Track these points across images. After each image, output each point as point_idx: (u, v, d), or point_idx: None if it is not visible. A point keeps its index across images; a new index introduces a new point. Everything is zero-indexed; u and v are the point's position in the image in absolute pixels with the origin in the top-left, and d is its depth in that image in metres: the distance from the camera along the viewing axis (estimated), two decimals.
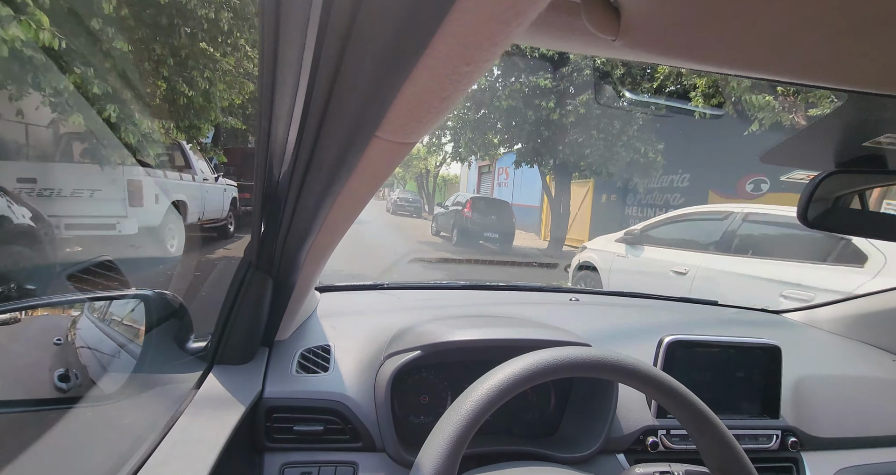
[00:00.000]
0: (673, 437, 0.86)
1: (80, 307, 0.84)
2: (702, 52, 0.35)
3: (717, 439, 0.54)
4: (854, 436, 0.95)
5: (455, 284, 1.40)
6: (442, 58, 0.30)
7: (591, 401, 0.88)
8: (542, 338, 0.84)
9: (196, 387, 0.73)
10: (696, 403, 0.55)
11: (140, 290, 0.80)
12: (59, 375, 0.75)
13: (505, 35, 0.28)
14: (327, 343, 0.91)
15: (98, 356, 0.82)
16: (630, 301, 1.47)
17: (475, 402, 0.50)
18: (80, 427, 0.77)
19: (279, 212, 0.57)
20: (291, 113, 0.40)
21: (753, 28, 0.30)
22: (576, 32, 0.34)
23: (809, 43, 0.32)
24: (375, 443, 0.79)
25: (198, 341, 0.82)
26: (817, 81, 0.39)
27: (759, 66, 0.37)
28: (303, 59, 0.34)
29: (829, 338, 1.26)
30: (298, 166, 0.47)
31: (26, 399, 0.75)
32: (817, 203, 0.78)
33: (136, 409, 0.74)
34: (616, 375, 0.55)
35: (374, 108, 0.36)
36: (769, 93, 4.54)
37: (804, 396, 0.96)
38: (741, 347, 0.91)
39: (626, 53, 0.36)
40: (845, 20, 0.29)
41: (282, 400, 0.78)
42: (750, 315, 1.42)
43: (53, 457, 0.74)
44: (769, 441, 0.89)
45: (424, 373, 0.90)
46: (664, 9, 0.29)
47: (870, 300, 1.24)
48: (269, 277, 0.72)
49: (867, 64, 0.34)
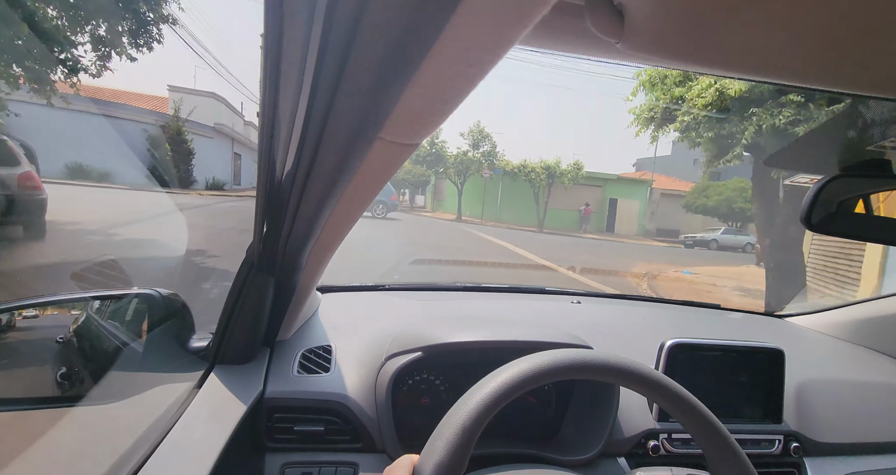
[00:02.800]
0: (674, 441, 0.85)
1: (82, 306, 0.84)
2: (704, 56, 0.35)
3: (719, 443, 0.54)
4: (857, 441, 0.94)
5: (457, 286, 1.40)
6: (446, 60, 0.30)
7: (593, 404, 0.87)
8: (544, 340, 0.84)
9: (197, 386, 0.73)
10: (698, 407, 0.54)
11: (142, 289, 0.80)
12: (61, 374, 0.75)
13: (508, 37, 0.28)
14: (328, 343, 0.91)
15: (100, 355, 0.82)
16: (632, 304, 1.46)
17: (476, 405, 0.50)
18: (82, 426, 0.77)
19: (281, 212, 0.57)
20: (295, 114, 0.41)
21: (756, 32, 0.30)
22: (579, 35, 0.34)
23: (813, 47, 0.32)
24: (376, 444, 0.79)
25: (199, 341, 0.82)
26: (821, 85, 0.39)
27: (762, 69, 0.37)
28: (306, 61, 0.34)
29: (832, 343, 1.25)
30: (301, 167, 0.47)
31: (28, 397, 0.75)
32: (821, 207, 0.77)
33: (138, 408, 0.74)
34: (617, 378, 0.55)
35: (377, 110, 0.37)
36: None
37: (807, 401, 0.95)
38: (744, 351, 0.90)
39: (629, 56, 0.36)
40: (850, 25, 0.29)
41: (283, 400, 0.78)
42: (752, 319, 1.42)
43: (54, 455, 0.74)
44: (772, 446, 0.88)
45: (425, 374, 0.90)
46: (667, 12, 0.29)
47: (873, 305, 1.24)
48: (271, 277, 0.72)
49: (871, 68, 0.34)
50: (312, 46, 0.32)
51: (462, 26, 0.27)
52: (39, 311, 0.79)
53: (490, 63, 0.31)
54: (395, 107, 0.36)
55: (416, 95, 0.34)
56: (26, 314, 0.78)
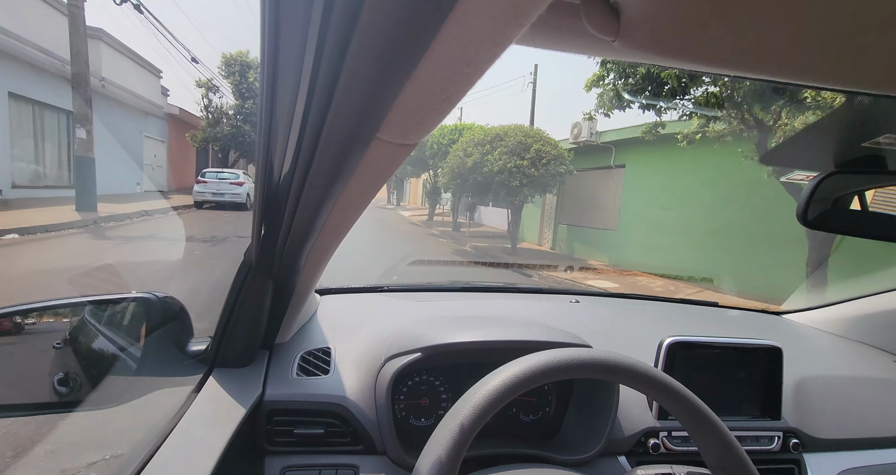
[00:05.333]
0: (674, 439, 0.85)
1: (80, 310, 0.84)
2: (701, 54, 0.35)
3: (718, 440, 0.54)
4: (856, 437, 0.95)
5: (455, 286, 1.40)
6: (443, 59, 0.30)
7: (593, 403, 0.87)
8: (543, 339, 0.84)
9: (196, 390, 0.73)
10: (696, 404, 0.55)
11: (140, 293, 0.80)
12: (59, 379, 0.75)
13: (505, 36, 0.28)
14: (327, 345, 0.91)
15: (98, 360, 0.82)
16: (631, 302, 1.47)
17: (476, 405, 0.50)
18: (81, 431, 0.76)
19: (279, 214, 0.57)
20: (292, 114, 0.40)
21: (753, 29, 0.31)
22: (576, 34, 0.34)
23: (809, 44, 0.32)
24: (376, 446, 0.79)
25: (198, 344, 0.82)
26: (817, 82, 0.39)
27: (759, 67, 0.37)
28: (304, 60, 0.34)
29: (829, 339, 1.26)
30: (299, 168, 0.47)
31: (26, 403, 0.74)
32: (817, 203, 0.78)
33: (137, 413, 0.74)
34: (617, 377, 0.55)
35: (374, 110, 0.36)
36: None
37: (805, 397, 0.96)
38: (742, 348, 0.91)
39: (625, 55, 0.36)
40: (845, 22, 0.29)
41: (282, 403, 0.78)
42: (750, 316, 1.42)
43: (53, 460, 0.74)
44: (771, 442, 0.88)
45: (425, 375, 0.90)
46: (664, 10, 0.29)
47: (870, 301, 1.24)
48: (270, 280, 0.71)
49: (867, 65, 0.35)
50: (309, 47, 0.32)
51: (459, 25, 0.27)
52: (36, 317, 0.79)
53: (487, 62, 0.31)
54: (392, 107, 0.36)
55: (413, 95, 0.34)
56: (23, 319, 0.77)
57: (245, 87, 18.19)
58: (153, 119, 15.43)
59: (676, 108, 5.34)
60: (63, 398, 0.74)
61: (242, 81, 18.14)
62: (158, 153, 16.09)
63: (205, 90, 18.41)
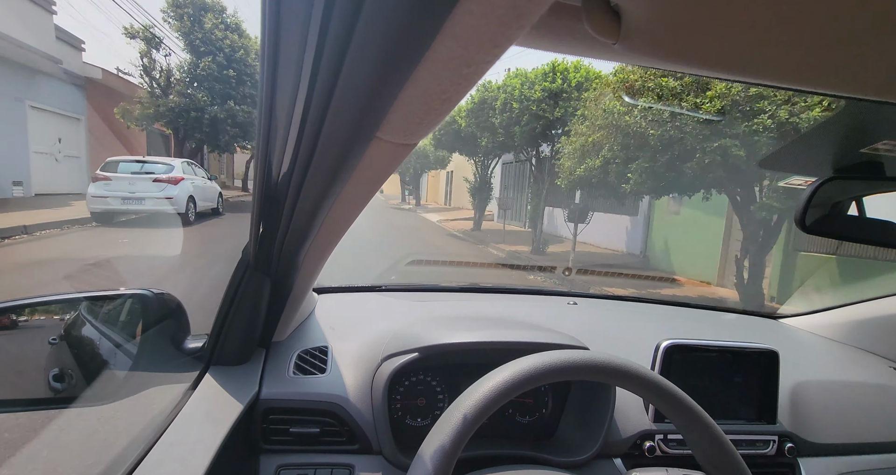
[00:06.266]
0: (670, 442, 0.86)
1: (76, 306, 0.84)
2: (701, 57, 0.35)
3: (712, 442, 0.54)
4: (851, 442, 0.95)
5: (453, 286, 1.40)
6: (443, 59, 0.30)
7: (589, 405, 0.87)
8: (540, 341, 0.84)
9: (192, 387, 0.73)
10: (691, 406, 0.55)
11: (137, 290, 0.80)
12: (54, 375, 0.75)
13: (506, 37, 0.28)
14: (325, 344, 0.91)
15: (93, 356, 0.82)
16: (628, 305, 1.47)
17: (472, 405, 0.50)
18: (75, 427, 0.76)
19: (278, 212, 0.57)
20: (291, 113, 0.40)
21: (753, 33, 0.31)
22: (576, 36, 0.34)
23: (809, 49, 0.32)
24: (372, 446, 0.78)
25: (194, 341, 0.82)
26: (816, 87, 0.39)
27: (758, 71, 0.37)
28: (303, 60, 0.34)
29: (826, 344, 1.26)
30: (298, 167, 0.47)
31: (21, 399, 0.74)
32: (815, 209, 0.78)
33: (132, 410, 0.74)
34: (613, 379, 0.56)
35: (374, 110, 0.36)
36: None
37: (801, 402, 0.96)
38: (739, 352, 0.91)
39: (626, 57, 0.36)
40: (845, 27, 0.29)
41: (278, 401, 0.78)
42: (747, 320, 1.42)
43: (48, 457, 0.73)
44: (766, 446, 0.89)
45: (421, 375, 0.89)
46: (665, 13, 0.29)
47: (868, 306, 1.25)
48: (267, 278, 0.71)
49: (866, 70, 0.35)
50: (310, 47, 0.32)
51: (460, 26, 0.27)
52: (31, 313, 0.79)
53: (488, 63, 0.31)
54: (392, 107, 0.36)
55: (413, 95, 0.34)
56: (18, 315, 0.77)
57: (200, 38, 12.61)
58: (50, 82, 9.80)
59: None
60: (58, 394, 0.74)
61: (196, 28, 12.61)
62: (68, 137, 10.76)
63: (143, 44, 12.44)
